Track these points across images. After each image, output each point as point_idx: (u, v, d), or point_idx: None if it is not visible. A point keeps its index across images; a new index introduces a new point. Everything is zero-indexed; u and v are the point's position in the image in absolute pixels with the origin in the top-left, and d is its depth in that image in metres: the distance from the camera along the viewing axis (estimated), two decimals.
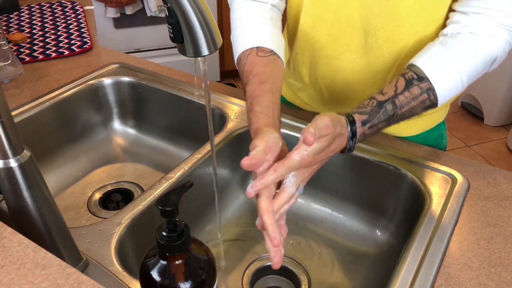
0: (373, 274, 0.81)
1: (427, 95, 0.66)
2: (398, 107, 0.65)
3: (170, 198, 0.46)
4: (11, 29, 1.30)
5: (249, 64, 0.73)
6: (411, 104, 0.66)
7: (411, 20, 0.74)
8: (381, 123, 0.65)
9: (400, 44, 0.76)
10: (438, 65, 0.67)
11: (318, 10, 0.79)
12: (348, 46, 0.80)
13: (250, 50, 0.73)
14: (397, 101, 0.65)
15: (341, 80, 0.85)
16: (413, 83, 0.66)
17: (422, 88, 0.66)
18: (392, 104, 0.65)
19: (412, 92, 0.66)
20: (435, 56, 0.68)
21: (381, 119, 0.64)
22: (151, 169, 1.05)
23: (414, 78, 0.66)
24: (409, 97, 0.66)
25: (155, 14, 2.44)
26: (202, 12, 0.49)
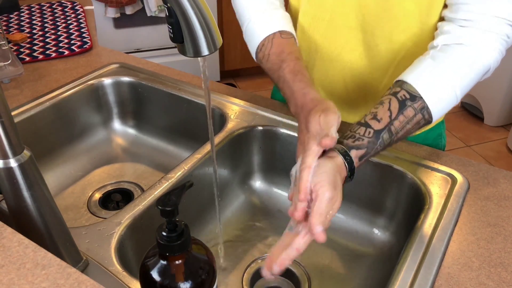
0: (373, 274, 0.81)
1: (421, 115, 0.65)
2: (394, 134, 0.64)
3: (170, 198, 0.46)
4: (11, 29, 1.30)
5: (277, 46, 0.73)
6: (406, 128, 0.65)
7: (408, 20, 0.73)
8: (377, 153, 0.65)
9: (397, 44, 0.76)
10: (430, 81, 0.65)
11: (315, 9, 0.79)
12: (345, 47, 0.80)
13: (273, 34, 0.74)
14: (393, 127, 0.64)
15: (339, 81, 0.85)
16: (406, 104, 0.64)
17: (416, 109, 0.64)
18: (388, 132, 0.64)
19: (407, 114, 0.64)
20: (426, 72, 0.66)
21: (378, 150, 0.64)
22: (151, 169, 1.05)
23: (407, 98, 0.65)
24: (403, 121, 0.64)
25: (155, 14, 2.44)
26: (202, 12, 0.49)
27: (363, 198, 0.89)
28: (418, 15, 0.73)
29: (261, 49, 0.73)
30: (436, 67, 0.66)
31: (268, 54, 0.73)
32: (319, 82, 0.88)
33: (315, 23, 0.80)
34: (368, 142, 0.64)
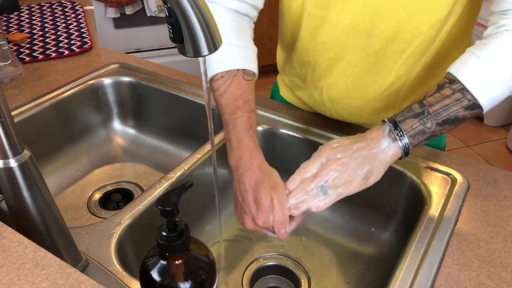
0: (373, 274, 0.81)
1: (460, 94, 0.65)
2: (426, 105, 0.65)
3: (170, 198, 0.46)
4: (11, 29, 1.30)
5: (236, 86, 0.73)
6: (443, 102, 0.65)
7: (416, 20, 0.73)
8: (409, 119, 0.65)
9: (403, 44, 0.76)
10: (470, 66, 0.66)
11: (322, 12, 0.79)
12: (351, 48, 0.80)
13: (236, 71, 0.74)
14: (425, 101, 0.66)
15: (342, 81, 0.85)
16: (444, 86, 0.66)
17: (454, 89, 0.65)
18: (419, 103, 0.66)
19: (443, 93, 0.66)
20: (468, 60, 0.67)
21: (407, 115, 0.65)
22: (151, 169, 1.05)
23: (446, 82, 0.67)
24: (439, 97, 0.65)
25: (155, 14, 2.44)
26: (202, 12, 0.49)
27: (363, 198, 0.88)
28: (426, 13, 0.73)
29: (219, 79, 0.74)
30: (478, 53, 0.66)
31: (224, 90, 0.73)
32: (324, 81, 0.88)
33: (322, 25, 0.80)
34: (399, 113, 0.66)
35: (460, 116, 0.66)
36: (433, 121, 0.65)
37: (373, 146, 0.65)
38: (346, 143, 0.66)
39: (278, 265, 0.83)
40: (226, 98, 0.73)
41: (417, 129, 0.65)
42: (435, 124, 0.65)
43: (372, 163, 0.64)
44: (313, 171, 0.65)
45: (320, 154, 0.66)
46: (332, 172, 0.63)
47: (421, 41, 0.76)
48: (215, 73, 0.74)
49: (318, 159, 0.65)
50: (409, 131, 0.64)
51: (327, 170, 0.64)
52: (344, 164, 0.63)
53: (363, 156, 0.64)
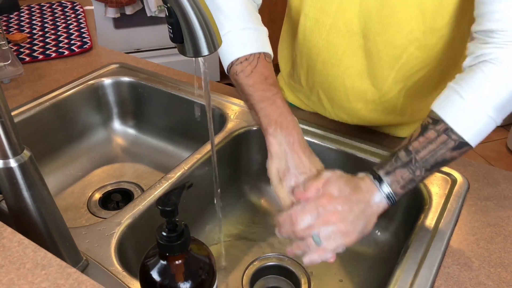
0: (373, 274, 0.81)
1: (446, 135, 0.63)
2: (412, 152, 0.64)
3: (170, 198, 0.46)
4: (11, 29, 1.30)
5: (264, 67, 0.73)
6: (430, 148, 0.64)
7: (411, 26, 0.73)
8: (398, 169, 0.64)
9: (399, 50, 0.76)
10: (453, 105, 0.64)
11: (317, 13, 0.78)
12: (346, 52, 0.80)
13: (259, 54, 0.73)
14: (411, 147, 0.64)
15: (339, 85, 0.84)
16: (428, 128, 0.65)
17: (438, 130, 0.64)
18: (405, 150, 0.65)
19: (428, 136, 0.64)
20: (450, 98, 0.65)
21: (396, 165, 0.64)
22: (151, 169, 1.05)
23: (429, 123, 0.65)
24: (424, 142, 0.64)
25: (155, 14, 2.44)
26: (202, 12, 0.49)
27: None
28: (421, 20, 0.72)
29: (243, 62, 0.73)
30: (458, 89, 0.64)
31: (251, 71, 0.72)
32: (319, 85, 0.88)
33: (317, 27, 0.80)
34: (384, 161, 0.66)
35: (448, 158, 0.64)
36: (421, 169, 0.64)
37: (369, 199, 0.64)
38: (347, 192, 0.63)
39: (278, 265, 0.83)
40: (255, 77, 0.72)
41: (407, 179, 0.64)
42: (424, 171, 0.64)
43: (368, 217, 0.64)
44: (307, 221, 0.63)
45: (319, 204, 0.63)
46: (330, 225, 0.62)
47: (416, 47, 0.75)
48: (237, 57, 0.73)
49: (314, 208, 0.63)
50: (400, 182, 0.64)
51: (325, 223, 0.62)
52: (344, 218, 0.62)
53: (361, 209, 0.63)
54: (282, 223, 0.65)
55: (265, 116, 0.70)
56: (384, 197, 0.64)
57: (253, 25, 0.75)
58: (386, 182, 0.64)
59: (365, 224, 0.63)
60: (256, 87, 0.71)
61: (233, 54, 0.73)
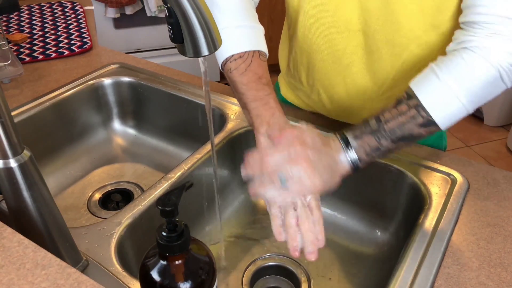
0: (373, 274, 0.81)
1: (415, 110, 0.65)
2: (382, 121, 0.66)
3: (170, 198, 0.46)
4: (11, 29, 1.30)
5: (258, 66, 0.73)
6: (399, 120, 0.66)
7: (411, 24, 0.73)
8: (366, 135, 0.66)
9: (399, 48, 0.76)
10: (428, 84, 0.66)
11: (317, 11, 0.79)
12: (346, 50, 0.80)
13: (254, 52, 0.73)
14: (381, 116, 0.66)
15: (339, 83, 0.84)
16: (402, 102, 0.67)
17: (409, 105, 0.66)
18: (376, 118, 0.67)
19: (399, 109, 0.66)
20: (427, 77, 0.67)
21: (364, 131, 0.66)
22: (151, 169, 1.05)
23: (404, 97, 0.67)
24: (395, 113, 0.66)
25: (155, 14, 2.44)
26: (202, 12, 0.49)
27: (363, 199, 0.89)
28: (422, 18, 0.72)
29: (237, 59, 0.73)
30: (436, 70, 0.66)
31: (245, 69, 0.72)
32: (319, 83, 0.88)
33: (317, 25, 0.80)
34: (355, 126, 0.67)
35: (415, 133, 0.66)
36: (388, 139, 0.66)
37: (336, 157, 0.65)
38: (318, 143, 0.64)
39: (278, 265, 0.83)
40: (249, 76, 0.72)
41: (373, 146, 0.66)
42: (390, 141, 0.66)
43: (334, 172, 0.65)
44: (277, 159, 0.62)
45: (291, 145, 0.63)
46: (298, 166, 0.61)
47: (416, 45, 0.75)
48: (232, 54, 0.73)
49: (286, 148, 0.63)
50: (365, 148, 0.66)
51: (294, 163, 0.61)
52: (312, 163, 0.62)
53: (328, 163, 0.64)
54: (251, 160, 0.65)
55: (257, 116, 0.70)
56: (348, 160, 0.65)
57: (249, 22, 0.75)
58: (352, 146, 0.65)
59: (330, 178, 0.64)
60: (250, 86, 0.71)
61: (227, 51, 0.73)
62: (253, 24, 0.76)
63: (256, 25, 0.76)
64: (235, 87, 0.73)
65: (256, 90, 0.71)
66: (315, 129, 0.67)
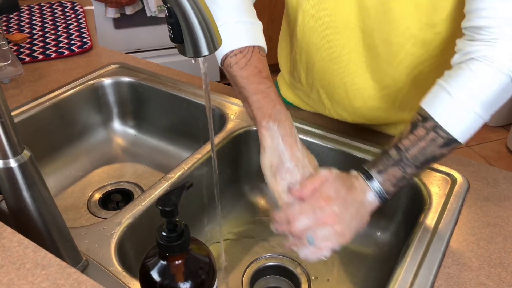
0: (373, 274, 0.81)
1: (434, 133, 0.64)
2: (402, 150, 0.65)
3: (170, 198, 0.46)
4: (11, 29, 1.30)
5: (258, 60, 0.73)
6: (419, 145, 0.65)
7: (407, 23, 0.73)
8: (390, 167, 0.65)
9: (396, 46, 0.76)
10: (441, 102, 0.65)
11: (315, 10, 0.79)
12: (345, 48, 0.80)
13: (254, 47, 0.73)
14: (401, 145, 0.66)
15: (338, 81, 0.84)
16: (418, 125, 0.66)
17: (427, 128, 0.65)
18: (396, 148, 0.66)
19: (417, 133, 0.65)
20: (438, 95, 0.66)
21: (388, 164, 0.65)
22: (151, 169, 1.05)
23: (419, 120, 0.66)
24: (414, 139, 0.65)
25: (155, 14, 2.44)
26: (202, 12, 0.49)
27: None
28: (417, 17, 0.72)
29: (237, 54, 0.73)
30: (446, 87, 0.65)
31: (245, 63, 0.72)
32: (319, 82, 0.88)
33: (315, 24, 0.80)
34: (375, 159, 0.67)
35: (437, 155, 0.66)
36: (412, 166, 0.66)
37: (363, 198, 0.65)
38: (343, 193, 0.64)
39: (278, 265, 0.83)
40: (249, 70, 0.72)
41: (398, 177, 0.66)
42: (414, 168, 0.66)
43: (363, 216, 0.65)
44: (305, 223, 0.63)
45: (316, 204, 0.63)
46: (327, 227, 0.62)
47: (413, 43, 0.75)
48: (232, 49, 0.73)
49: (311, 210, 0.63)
50: (391, 180, 0.65)
51: (322, 225, 0.62)
52: (340, 220, 0.62)
53: (356, 209, 0.64)
54: (278, 221, 0.66)
55: (258, 109, 0.70)
56: (376, 196, 0.65)
57: (248, 18, 0.76)
58: (378, 181, 0.65)
59: (359, 223, 0.64)
60: (251, 80, 0.71)
61: (227, 47, 0.73)
62: (252, 20, 0.76)
63: (255, 21, 0.77)
64: (235, 82, 0.73)
65: (257, 84, 0.71)
66: (338, 174, 0.67)
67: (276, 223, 0.67)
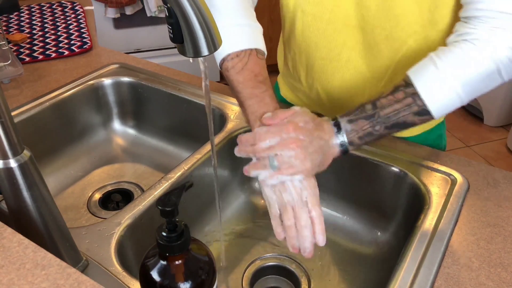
0: (373, 274, 0.81)
1: (412, 99, 0.66)
2: (378, 107, 0.67)
3: (170, 198, 0.46)
4: (11, 29, 1.30)
5: (254, 64, 0.73)
6: (394, 107, 0.66)
7: (408, 19, 0.73)
8: (361, 119, 0.66)
9: (398, 42, 0.76)
10: (426, 73, 0.67)
11: (314, 8, 0.79)
12: (344, 46, 0.80)
13: (251, 51, 0.73)
14: (378, 102, 0.67)
15: (338, 80, 0.85)
16: (399, 89, 0.68)
17: (407, 93, 0.67)
18: (372, 104, 0.67)
19: (396, 96, 0.67)
20: (426, 66, 0.68)
21: (359, 116, 0.67)
22: (151, 169, 1.05)
23: (401, 85, 0.68)
24: (392, 100, 0.67)
25: (155, 14, 2.44)
26: (202, 12, 0.49)
27: (363, 199, 0.89)
28: (418, 13, 0.73)
29: (234, 58, 0.73)
30: (436, 61, 0.67)
31: (241, 68, 0.73)
32: (318, 82, 0.88)
33: (315, 23, 0.80)
34: (350, 110, 0.68)
35: (409, 121, 0.67)
36: (382, 125, 0.67)
37: (328, 139, 0.66)
38: (310, 126, 0.65)
39: (278, 265, 0.83)
40: (245, 74, 0.72)
41: (366, 131, 0.67)
42: (383, 127, 0.67)
43: (326, 155, 0.66)
44: (269, 143, 0.63)
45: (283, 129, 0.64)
46: (290, 150, 0.62)
47: (414, 40, 0.76)
48: (228, 53, 0.73)
49: (278, 132, 0.64)
50: (359, 132, 0.67)
51: (285, 147, 0.62)
52: (304, 147, 0.63)
53: (320, 145, 0.65)
54: (244, 141, 0.66)
55: (252, 113, 0.70)
56: (338, 143, 0.66)
57: (247, 21, 0.76)
58: (345, 129, 0.66)
59: (321, 160, 0.65)
60: (246, 84, 0.72)
61: (224, 50, 0.73)
62: (250, 22, 0.76)
63: (254, 24, 0.76)
64: (232, 86, 0.74)
65: (251, 88, 0.71)
66: (308, 112, 0.67)
67: (240, 143, 0.67)
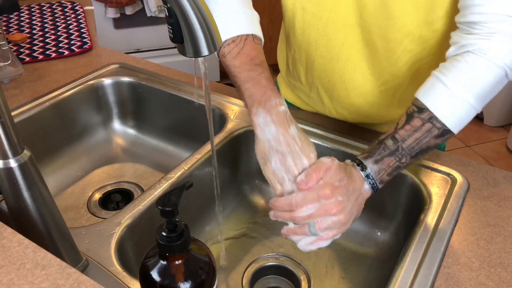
0: (373, 274, 0.81)
1: (430, 124, 0.66)
2: (399, 140, 0.66)
3: (170, 198, 0.46)
4: (11, 29, 1.30)
5: (250, 48, 0.73)
6: (415, 136, 0.66)
7: (404, 19, 0.73)
8: (386, 157, 0.66)
9: (394, 42, 0.76)
10: (438, 94, 0.66)
11: (314, 7, 0.79)
12: (344, 45, 0.80)
13: (247, 36, 0.74)
14: (397, 135, 0.67)
15: (338, 79, 0.85)
16: (413, 116, 0.67)
17: (423, 119, 0.66)
18: (392, 139, 0.67)
19: (413, 124, 0.66)
20: (434, 86, 0.67)
21: (384, 154, 0.66)
22: (151, 169, 1.05)
23: (414, 111, 0.67)
24: (410, 130, 0.66)
25: (155, 14, 2.44)
26: (202, 12, 0.49)
27: None
28: (415, 14, 0.73)
29: (230, 44, 0.73)
30: (444, 81, 0.66)
31: (237, 52, 0.73)
32: (318, 81, 0.88)
33: (314, 21, 0.80)
34: (371, 149, 0.67)
35: (432, 145, 0.67)
36: (407, 156, 0.67)
37: (361, 187, 0.65)
38: (345, 182, 0.64)
39: (278, 265, 0.83)
40: (241, 58, 0.72)
41: (394, 166, 0.67)
42: (409, 158, 0.67)
43: (360, 204, 0.66)
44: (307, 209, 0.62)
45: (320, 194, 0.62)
46: (332, 216, 0.62)
47: (410, 40, 0.76)
48: (224, 39, 0.73)
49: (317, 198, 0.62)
50: (387, 170, 0.66)
51: (326, 213, 0.62)
52: (344, 209, 0.62)
53: (355, 198, 0.64)
54: (280, 208, 0.65)
55: (249, 97, 0.70)
56: (370, 186, 0.66)
57: (242, 8, 0.76)
58: (373, 171, 0.66)
59: (357, 211, 0.66)
60: (242, 68, 0.71)
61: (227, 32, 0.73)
62: (245, 9, 0.76)
63: (249, 11, 0.77)
64: (229, 71, 0.73)
65: (248, 71, 0.71)
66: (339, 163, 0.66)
67: (276, 209, 0.66)
